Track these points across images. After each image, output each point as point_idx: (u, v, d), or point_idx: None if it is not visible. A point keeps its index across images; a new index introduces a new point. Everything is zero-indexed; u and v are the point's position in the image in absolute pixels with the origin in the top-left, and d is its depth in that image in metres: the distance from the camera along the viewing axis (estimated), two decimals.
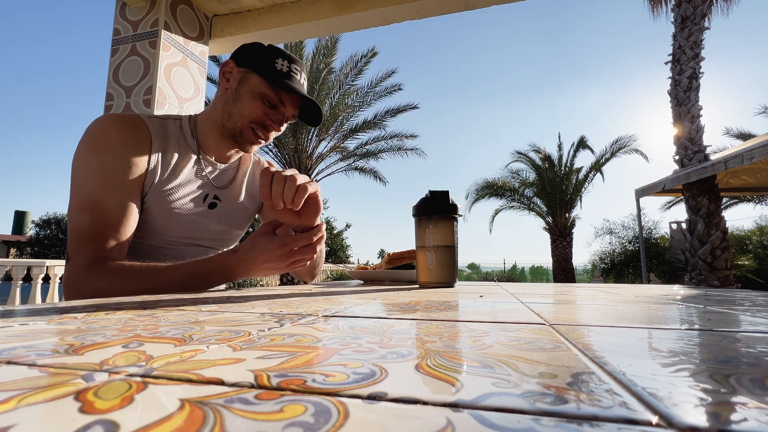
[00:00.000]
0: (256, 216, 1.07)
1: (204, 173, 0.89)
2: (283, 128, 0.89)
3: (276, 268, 0.73)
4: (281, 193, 0.65)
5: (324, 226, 0.75)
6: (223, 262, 0.72)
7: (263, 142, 0.88)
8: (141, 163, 0.77)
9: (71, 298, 0.70)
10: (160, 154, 0.81)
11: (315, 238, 0.73)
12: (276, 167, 1.02)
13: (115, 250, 0.72)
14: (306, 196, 0.66)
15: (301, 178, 0.67)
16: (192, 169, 0.86)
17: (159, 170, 0.80)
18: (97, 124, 0.77)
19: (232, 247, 0.95)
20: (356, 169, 9.22)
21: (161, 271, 0.71)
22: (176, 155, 0.84)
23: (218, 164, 0.91)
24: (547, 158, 10.18)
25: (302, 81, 0.88)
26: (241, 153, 0.96)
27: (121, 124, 0.77)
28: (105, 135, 0.75)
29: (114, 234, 0.72)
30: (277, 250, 0.70)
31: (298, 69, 0.86)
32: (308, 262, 0.75)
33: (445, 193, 0.82)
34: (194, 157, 0.87)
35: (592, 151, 9.89)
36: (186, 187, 0.85)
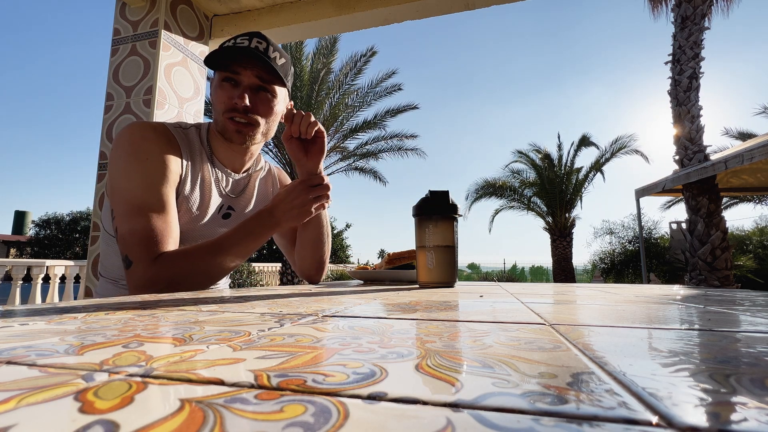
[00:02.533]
0: None
1: (220, 183, 0.91)
2: (247, 98, 0.81)
3: (305, 205, 0.82)
4: (299, 122, 0.84)
5: (326, 177, 0.87)
6: (265, 212, 0.82)
7: (249, 127, 0.84)
8: (176, 170, 0.80)
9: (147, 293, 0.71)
10: (188, 163, 0.83)
11: (324, 177, 0.86)
12: (286, 179, 1.11)
13: (172, 245, 0.75)
14: (316, 129, 0.86)
15: (314, 119, 0.86)
16: (210, 179, 0.88)
17: (188, 179, 0.83)
18: (133, 132, 0.79)
19: None
20: (356, 169, 9.23)
21: (222, 241, 0.77)
22: (198, 165, 0.86)
23: (233, 174, 0.93)
24: (547, 158, 10.19)
25: (253, 46, 0.80)
26: (252, 161, 0.97)
27: (156, 133, 0.80)
28: (143, 142, 0.78)
29: (169, 231, 0.75)
30: (300, 186, 0.83)
31: (246, 38, 0.81)
32: (327, 205, 0.88)
33: (445, 193, 0.82)
34: (210, 167, 0.89)
35: (597, 147, 9.87)
36: (205, 196, 0.87)
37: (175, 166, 0.80)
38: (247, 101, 0.81)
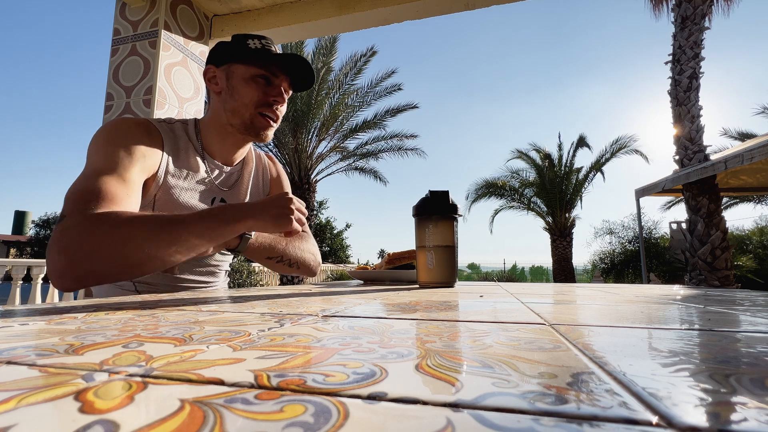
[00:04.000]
0: None
1: (210, 176, 0.90)
2: (285, 100, 0.89)
3: (279, 213, 0.72)
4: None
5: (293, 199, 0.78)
6: (241, 204, 0.72)
7: (274, 122, 0.89)
8: (152, 161, 0.79)
9: (69, 257, 0.56)
10: (170, 157, 0.83)
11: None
12: (284, 177, 1.10)
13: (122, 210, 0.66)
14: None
15: (299, 213, 0.76)
16: (199, 173, 0.88)
17: (170, 172, 0.82)
18: (114, 123, 0.79)
19: None
20: (356, 169, 9.23)
21: (182, 217, 0.64)
22: (184, 159, 0.86)
23: (224, 167, 0.93)
24: (547, 158, 10.19)
25: (278, 51, 0.88)
26: (245, 153, 0.98)
27: (136, 127, 0.80)
28: (120, 132, 0.78)
29: (121, 199, 0.65)
30: (285, 196, 0.75)
31: (270, 42, 0.87)
32: (304, 222, 0.80)
33: (445, 193, 0.82)
34: (200, 160, 0.89)
35: (590, 148, 9.91)
36: (194, 189, 0.87)
37: (151, 156, 0.78)
38: (284, 101, 0.88)
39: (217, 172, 0.92)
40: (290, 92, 0.92)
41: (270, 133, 0.90)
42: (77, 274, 0.56)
